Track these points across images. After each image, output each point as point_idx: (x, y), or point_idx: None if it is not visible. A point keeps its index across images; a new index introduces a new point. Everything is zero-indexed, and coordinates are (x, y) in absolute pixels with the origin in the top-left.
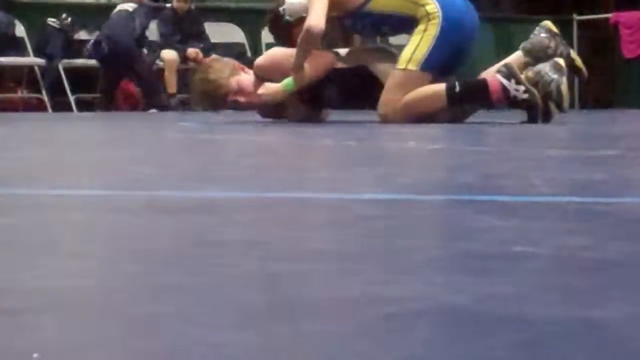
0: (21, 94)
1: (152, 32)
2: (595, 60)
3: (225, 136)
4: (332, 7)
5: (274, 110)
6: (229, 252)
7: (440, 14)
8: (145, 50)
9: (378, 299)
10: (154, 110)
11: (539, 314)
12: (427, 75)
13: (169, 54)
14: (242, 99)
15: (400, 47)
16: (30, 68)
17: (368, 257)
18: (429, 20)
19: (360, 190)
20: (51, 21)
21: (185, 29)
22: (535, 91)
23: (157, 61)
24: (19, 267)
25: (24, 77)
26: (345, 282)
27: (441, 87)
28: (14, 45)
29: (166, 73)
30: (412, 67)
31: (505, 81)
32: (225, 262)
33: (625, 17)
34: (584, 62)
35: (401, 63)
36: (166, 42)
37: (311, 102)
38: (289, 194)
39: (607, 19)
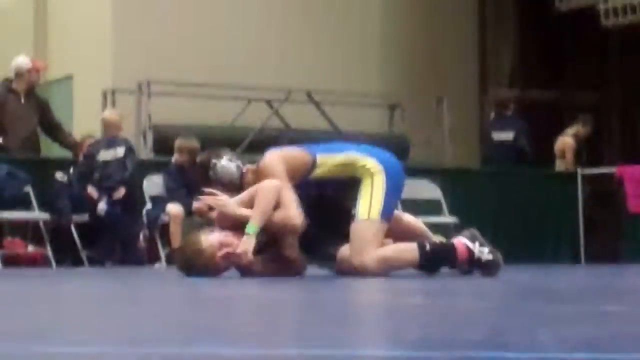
0: (25, 249)
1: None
2: (600, 214)
3: (231, 291)
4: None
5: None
6: None
7: (380, 167)
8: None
9: None
10: (158, 265)
11: None
12: (386, 224)
13: (174, 208)
14: (231, 250)
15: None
16: (35, 223)
17: None
18: (372, 174)
19: (366, 347)
20: (59, 176)
21: (191, 183)
22: (497, 252)
23: (162, 215)
24: None
25: (29, 232)
26: None
27: (413, 245)
28: (20, 200)
29: (171, 227)
30: (373, 216)
31: (469, 243)
32: None
33: (630, 171)
34: (590, 216)
35: (362, 214)
36: (172, 196)
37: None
38: (296, 351)
39: (611, 173)
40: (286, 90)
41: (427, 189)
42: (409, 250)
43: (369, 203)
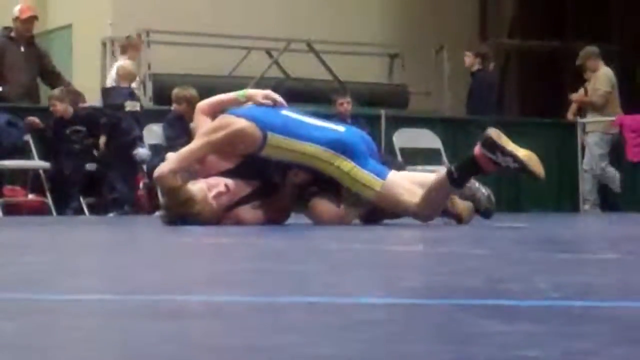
0: (26, 197)
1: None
2: None
3: (229, 240)
4: (222, 160)
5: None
6: (232, 358)
7: (339, 156)
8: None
9: None
10: (157, 213)
11: None
12: (390, 176)
13: None
14: (222, 189)
15: None
16: (35, 172)
17: None
18: (337, 166)
19: (364, 295)
20: None
21: (190, 132)
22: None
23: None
24: None
25: (29, 180)
26: None
27: (442, 174)
28: (19, 149)
29: None
30: (377, 186)
31: (490, 154)
32: None
33: (629, 120)
34: None
35: (369, 193)
36: (171, 145)
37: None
38: (294, 299)
39: (611, 122)
40: (286, 39)
41: (426, 138)
42: (438, 180)
43: (358, 182)
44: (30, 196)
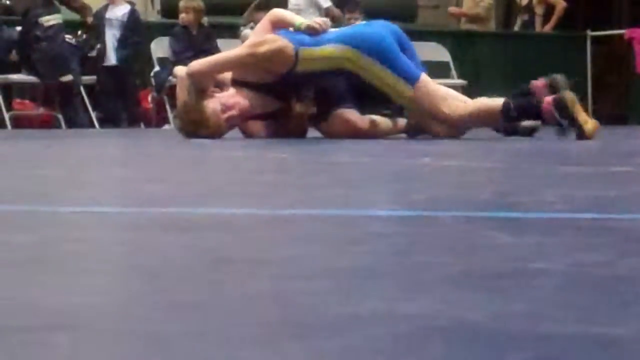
0: (37, 111)
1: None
2: (608, 76)
3: (239, 153)
4: (260, 71)
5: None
6: (242, 270)
7: (360, 53)
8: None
9: (392, 316)
10: (167, 127)
11: (554, 331)
12: (422, 79)
13: (181, 71)
14: (234, 113)
15: None
16: (46, 85)
17: (381, 274)
18: (360, 65)
19: (374, 207)
20: (68, 38)
21: (196, 46)
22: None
23: (170, 77)
24: (32, 285)
25: (40, 94)
26: (359, 299)
27: (498, 103)
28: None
29: (178, 89)
30: (409, 92)
31: (558, 117)
32: (238, 280)
33: (639, 33)
34: (598, 78)
35: (401, 97)
36: (178, 58)
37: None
38: (303, 211)
39: (621, 35)
40: None
41: (435, 52)
42: (491, 108)
43: (388, 85)
44: (41, 110)
